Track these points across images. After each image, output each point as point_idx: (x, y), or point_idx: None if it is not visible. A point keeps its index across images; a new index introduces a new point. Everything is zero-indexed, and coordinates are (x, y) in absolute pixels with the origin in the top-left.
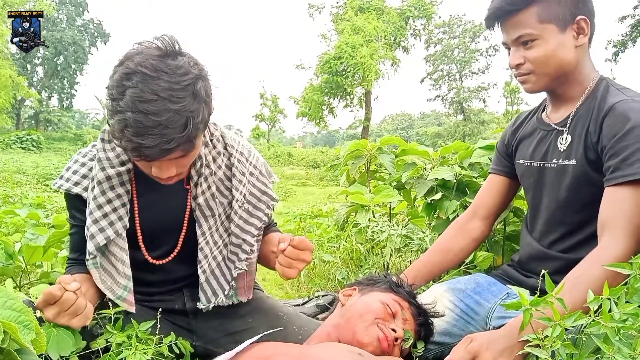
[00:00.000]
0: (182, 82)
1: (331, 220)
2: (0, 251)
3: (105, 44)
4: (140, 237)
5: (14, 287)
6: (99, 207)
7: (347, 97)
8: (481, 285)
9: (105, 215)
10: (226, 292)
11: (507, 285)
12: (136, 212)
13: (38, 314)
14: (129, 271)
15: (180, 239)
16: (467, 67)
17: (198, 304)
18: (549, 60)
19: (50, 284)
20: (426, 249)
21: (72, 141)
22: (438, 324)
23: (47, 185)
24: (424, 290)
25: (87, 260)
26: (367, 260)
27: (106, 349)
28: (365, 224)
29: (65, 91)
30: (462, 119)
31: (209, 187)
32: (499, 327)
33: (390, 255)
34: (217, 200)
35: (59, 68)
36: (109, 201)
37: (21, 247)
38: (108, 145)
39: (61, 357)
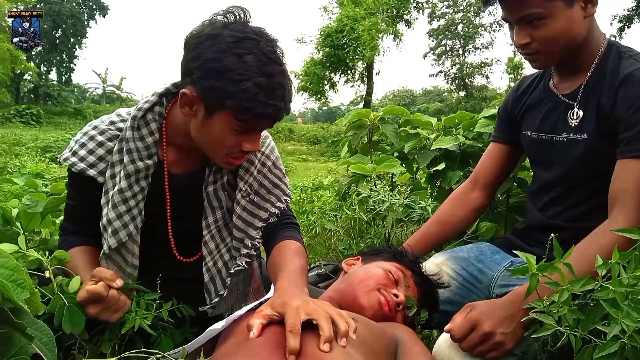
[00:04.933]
0: (274, 47)
1: (332, 192)
2: None
3: (104, 17)
4: (172, 240)
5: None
6: (125, 201)
7: (349, 71)
8: (484, 253)
9: (129, 210)
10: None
11: (513, 251)
12: (168, 209)
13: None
14: (136, 261)
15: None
16: (470, 42)
17: (202, 307)
18: (559, 39)
19: (50, 248)
20: (428, 219)
21: (72, 116)
22: (440, 292)
23: (47, 157)
24: (425, 260)
25: (101, 255)
26: (369, 231)
27: None
28: (366, 194)
29: (64, 65)
30: (464, 96)
31: (221, 177)
32: (501, 295)
33: (392, 225)
34: (226, 192)
35: (57, 41)
36: (134, 195)
37: (18, 213)
38: (137, 134)
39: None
